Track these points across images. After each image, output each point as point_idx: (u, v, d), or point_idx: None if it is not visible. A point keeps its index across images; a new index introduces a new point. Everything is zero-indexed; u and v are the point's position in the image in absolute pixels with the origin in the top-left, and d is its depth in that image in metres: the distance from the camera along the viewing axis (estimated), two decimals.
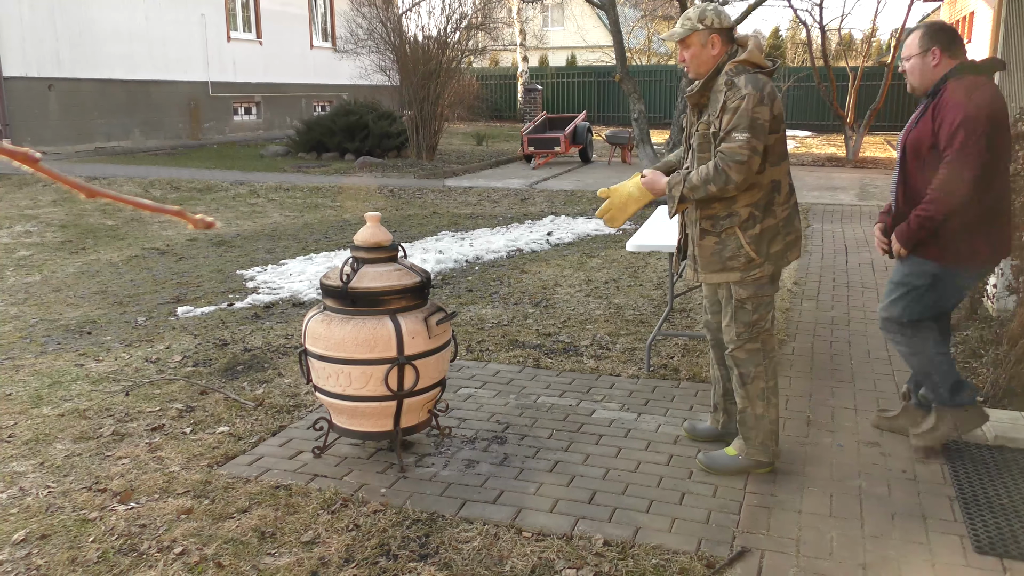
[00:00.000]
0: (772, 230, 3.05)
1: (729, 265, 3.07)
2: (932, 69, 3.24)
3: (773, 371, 3.19)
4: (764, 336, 3.15)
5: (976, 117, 3.02)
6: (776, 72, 3.07)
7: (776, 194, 3.04)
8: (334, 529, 2.81)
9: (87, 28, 15.34)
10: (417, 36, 15.44)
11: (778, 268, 3.10)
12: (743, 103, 2.88)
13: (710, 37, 3.00)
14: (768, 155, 2.97)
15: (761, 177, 2.99)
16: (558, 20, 37.16)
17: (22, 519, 2.89)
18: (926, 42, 3.23)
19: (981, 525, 2.85)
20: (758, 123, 2.88)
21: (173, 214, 0.90)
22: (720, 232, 3.07)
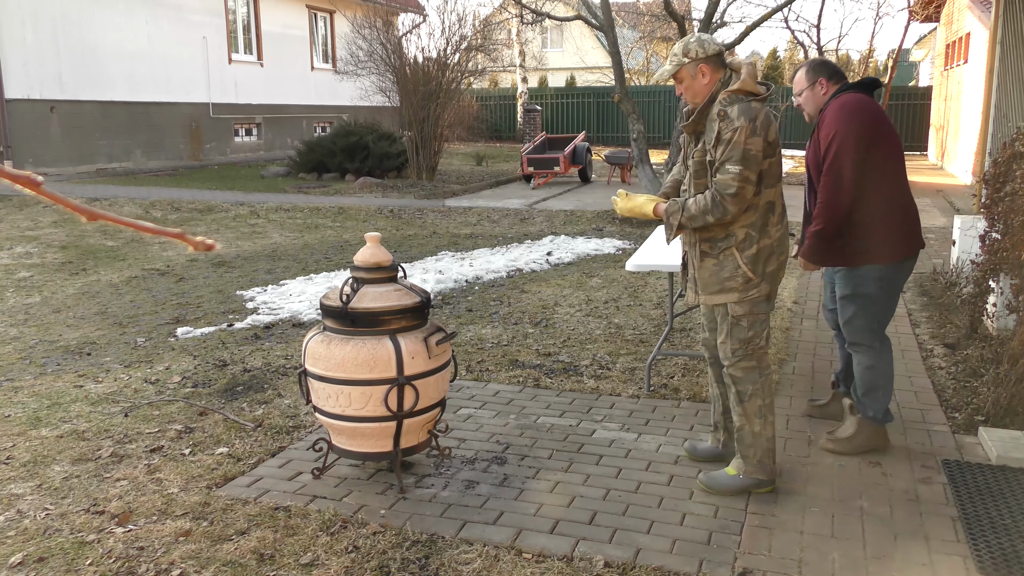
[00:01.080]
0: (767, 250, 3.10)
1: (727, 286, 3.12)
2: (822, 97, 3.58)
3: (770, 389, 3.22)
4: (759, 354, 3.18)
5: (845, 132, 3.34)
6: (770, 97, 3.12)
7: (771, 215, 3.10)
8: (333, 551, 2.80)
9: (89, 50, 15.44)
10: (417, 57, 15.55)
11: (774, 287, 3.16)
12: (736, 135, 2.95)
13: (698, 68, 3.09)
14: (763, 178, 3.04)
15: (757, 199, 3.05)
16: (557, 42, 37.41)
17: (19, 541, 2.87)
18: (812, 76, 3.60)
19: (984, 546, 2.84)
20: (751, 154, 2.95)
21: (174, 236, 0.90)
22: (718, 254, 3.12)
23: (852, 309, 3.55)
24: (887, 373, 3.61)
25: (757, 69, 3.11)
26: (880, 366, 3.59)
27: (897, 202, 3.47)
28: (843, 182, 3.34)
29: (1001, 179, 4.89)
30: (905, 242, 3.49)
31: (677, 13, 10.65)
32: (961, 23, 16.96)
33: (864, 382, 3.63)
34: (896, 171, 3.48)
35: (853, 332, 3.59)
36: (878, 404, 3.61)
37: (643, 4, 31.30)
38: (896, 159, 3.49)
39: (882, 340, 3.59)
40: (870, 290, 3.49)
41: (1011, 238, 4.56)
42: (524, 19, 16.60)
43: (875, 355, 3.58)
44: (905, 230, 3.49)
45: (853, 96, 3.47)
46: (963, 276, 6.12)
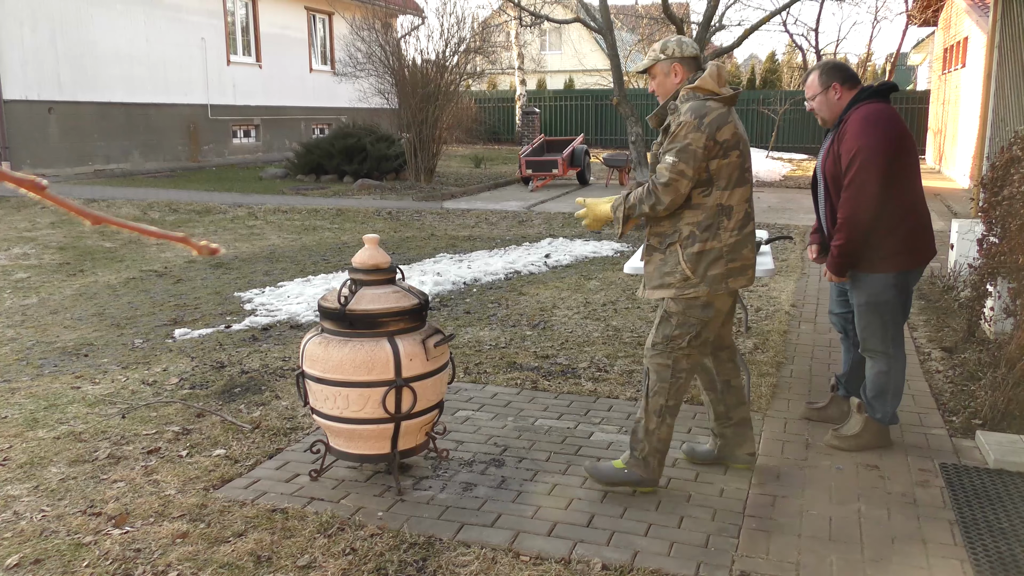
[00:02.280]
0: (714, 252, 3.08)
1: (666, 281, 3.13)
2: (836, 102, 3.58)
3: (678, 392, 3.19)
4: (678, 355, 3.16)
5: (868, 146, 3.35)
6: (736, 99, 3.12)
7: (725, 219, 3.07)
8: (330, 553, 2.79)
9: (88, 51, 15.44)
10: (416, 60, 15.55)
11: (714, 291, 3.10)
12: (679, 128, 3.00)
13: (672, 66, 3.15)
14: (715, 179, 3.04)
15: (706, 199, 3.06)
16: (556, 44, 37.44)
17: (16, 543, 2.87)
18: (825, 80, 3.58)
19: (982, 549, 2.84)
20: (690, 149, 2.97)
21: (177, 240, 0.90)
22: (664, 249, 3.14)
23: (869, 316, 3.58)
24: (898, 379, 3.64)
25: (722, 71, 3.12)
26: (893, 372, 3.62)
27: (914, 211, 3.51)
28: (866, 197, 3.36)
29: (999, 183, 4.90)
30: (921, 250, 3.55)
31: (675, 16, 10.66)
32: (959, 27, 17.00)
33: (875, 386, 3.65)
34: (914, 180, 3.51)
35: (870, 339, 3.61)
36: (887, 407, 3.64)
37: (641, 7, 31.36)
38: (915, 169, 3.51)
39: (897, 346, 3.61)
40: (887, 297, 3.52)
41: (1008, 242, 4.57)
42: (523, 21, 16.61)
43: (890, 361, 3.61)
44: (922, 239, 3.53)
45: (875, 107, 3.45)
46: (961, 280, 6.13)
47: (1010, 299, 4.59)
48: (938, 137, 19.95)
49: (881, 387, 3.64)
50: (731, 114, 3.07)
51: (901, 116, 3.52)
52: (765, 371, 4.76)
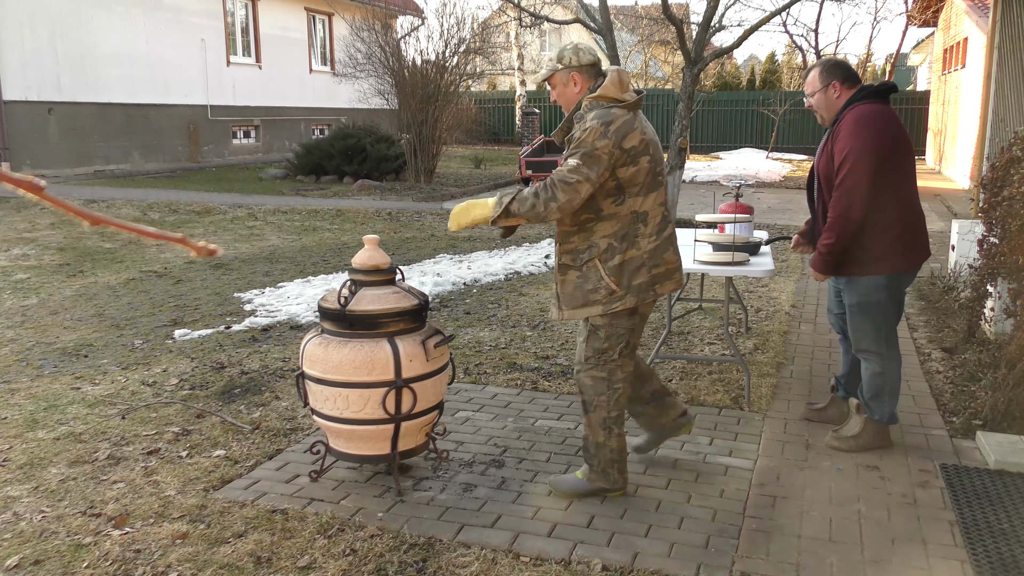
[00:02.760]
0: (635, 261, 3.03)
1: (591, 298, 3.06)
2: (835, 100, 3.56)
3: (617, 402, 3.15)
4: (611, 366, 3.12)
5: (860, 146, 3.34)
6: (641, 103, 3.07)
7: (641, 225, 3.02)
8: (330, 554, 2.79)
9: (88, 52, 15.44)
10: (416, 60, 15.55)
11: (642, 300, 3.06)
12: (584, 134, 2.94)
13: (570, 75, 3.09)
14: (627, 187, 2.99)
15: (620, 208, 3.00)
16: (556, 45, 37.46)
17: (15, 544, 2.86)
18: (826, 77, 3.56)
19: (982, 550, 2.84)
20: (595, 154, 2.91)
21: (176, 241, 0.90)
22: (581, 266, 3.07)
23: (860, 317, 3.58)
24: (894, 379, 3.64)
25: (623, 76, 3.08)
26: (888, 373, 3.62)
27: (908, 212, 3.49)
28: (856, 199, 3.36)
29: (999, 184, 4.90)
30: (914, 251, 3.54)
31: (675, 17, 10.64)
32: (959, 28, 17.00)
33: (871, 387, 3.65)
34: (909, 182, 3.50)
35: (862, 340, 3.61)
36: (884, 408, 3.65)
37: (641, 8, 31.36)
38: (910, 170, 3.50)
39: (891, 346, 3.61)
40: (879, 298, 3.52)
41: (1009, 242, 4.57)
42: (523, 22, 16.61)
43: (883, 362, 3.60)
44: (914, 240, 3.53)
45: (870, 107, 3.44)
46: (961, 280, 6.13)
47: (1010, 300, 4.58)
48: (938, 138, 19.95)
49: (877, 388, 3.64)
50: (637, 119, 3.02)
51: (898, 117, 3.52)
52: (765, 372, 4.76)
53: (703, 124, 24.86)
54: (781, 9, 11.48)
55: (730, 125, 24.98)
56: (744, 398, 4.32)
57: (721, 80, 28.60)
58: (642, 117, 3.07)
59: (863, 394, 3.71)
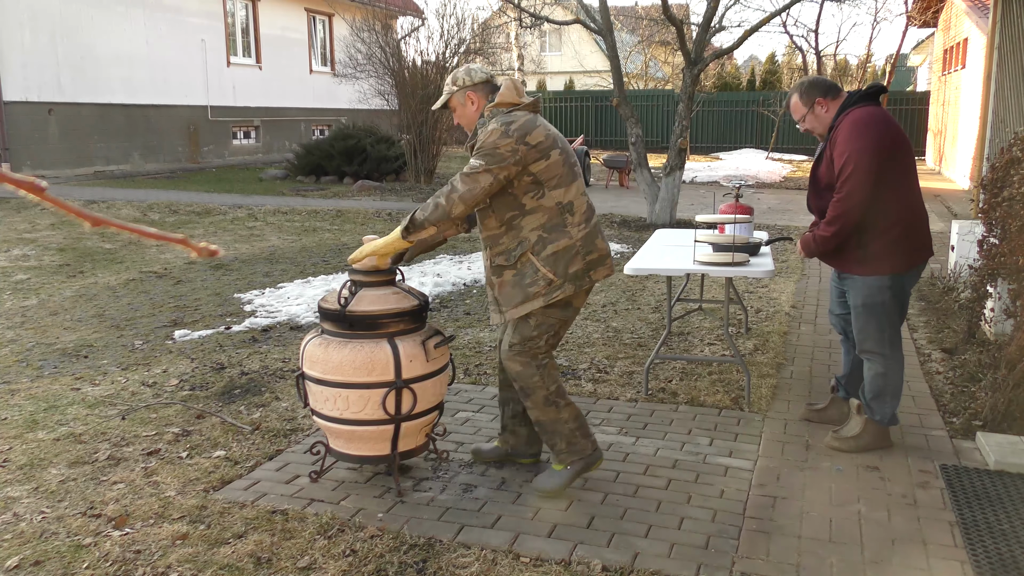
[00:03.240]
0: (570, 250, 3.10)
1: (530, 292, 3.10)
2: (825, 116, 3.60)
3: (551, 376, 3.20)
4: (535, 352, 3.17)
5: (859, 148, 3.37)
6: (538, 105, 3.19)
7: (568, 215, 3.11)
8: (331, 555, 2.79)
9: (88, 53, 15.44)
10: (416, 61, 15.56)
11: (579, 287, 3.12)
12: (485, 136, 3.05)
13: (466, 95, 3.21)
14: (544, 181, 3.07)
15: (542, 201, 3.09)
16: (556, 45, 37.46)
17: (16, 545, 2.87)
18: (807, 99, 3.61)
19: (982, 551, 2.84)
20: (496, 151, 3.01)
21: (177, 242, 0.90)
22: (515, 263, 3.12)
23: (865, 318, 3.58)
24: (896, 380, 3.64)
25: (517, 84, 3.21)
26: (890, 374, 3.62)
27: (910, 212, 3.51)
28: (856, 200, 3.39)
29: (999, 184, 4.90)
30: (917, 251, 3.55)
31: (675, 17, 10.64)
32: (959, 28, 17.00)
33: (873, 387, 3.65)
34: (909, 181, 3.51)
35: (866, 340, 3.61)
36: (886, 409, 3.65)
37: (641, 8, 31.37)
38: (910, 169, 3.52)
39: (894, 347, 3.61)
40: (883, 299, 3.52)
41: (1009, 243, 4.57)
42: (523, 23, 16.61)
43: (886, 362, 3.60)
44: (917, 240, 3.54)
45: (864, 111, 3.47)
46: (961, 281, 6.13)
47: (1010, 300, 4.58)
48: (938, 138, 19.95)
49: (879, 389, 3.64)
50: (538, 119, 3.13)
51: (893, 117, 3.54)
52: (765, 372, 4.76)
53: (703, 125, 24.86)
54: (781, 10, 11.49)
55: (730, 126, 24.99)
56: (744, 399, 4.32)
57: (721, 81, 28.61)
58: (543, 119, 3.18)
59: (864, 394, 3.71)
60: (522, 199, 3.09)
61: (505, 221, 3.13)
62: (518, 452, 3.55)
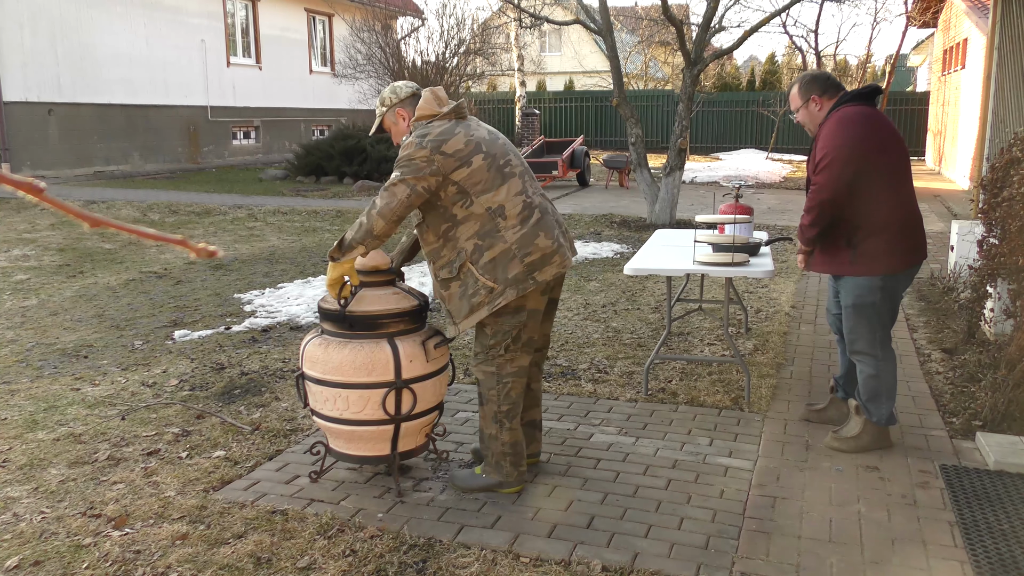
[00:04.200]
0: (506, 255, 3.05)
1: (474, 302, 3.09)
2: (818, 113, 3.63)
3: (507, 396, 3.19)
4: (499, 361, 3.16)
5: (837, 145, 3.39)
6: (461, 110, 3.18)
7: (500, 219, 3.06)
8: (330, 555, 2.79)
9: (88, 53, 15.44)
10: (416, 61, 15.57)
11: (522, 291, 3.06)
12: (402, 150, 3.08)
13: (396, 113, 3.26)
14: (468, 189, 3.05)
15: (471, 209, 3.06)
16: (556, 46, 37.45)
17: (15, 545, 2.87)
18: (804, 94, 3.64)
19: (982, 551, 2.84)
20: (412, 162, 3.03)
21: (176, 243, 0.90)
22: (458, 274, 3.11)
23: (855, 319, 3.58)
24: (890, 381, 3.63)
25: (437, 92, 3.22)
26: (883, 375, 3.61)
27: (901, 212, 3.48)
28: (826, 193, 3.42)
29: (999, 184, 4.90)
30: (909, 252, 3.52)
31: (675, 17, 10.65)
32: (959, 29, 17.01)
33: (867, 389, 3.65)
34: (900, 180, 3.49)
35: (856, 341, 3.61)
36: (882, 410, 3.65)
37: (641, 8, 31.37)
38: (901, 168, 3.50)
39: (885, 348, 3.61)
40: (874, 299, 3.51)
41: (1008, 243, 4.57)
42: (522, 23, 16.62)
43: (877, 364, 3.60)
44: (910, 241, 3.51)
45: (851, 110, 3.48)
46: (961, 281, 6.13)
47: (1010, 300, 4.59)
48: (938, 138, 19.95)
49: (873, 390, 3.63)
50: (459, 126, 3.11)
51: (886, 118, 3.54)
52: (765, 372, 4.76)
53: (703, 125, 24.86)
54: (781, 10, 11.49)
55: (730, 126, 24.99)
56: (744, 399, 4.33)
57: (721, 81, 28.60)
58: (469, 123, 3.16)
59: (860, 396, 3.71)
60: (452, 210, 3.08)
61: (441, 234, 3.13)
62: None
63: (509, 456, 3.23)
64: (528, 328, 3.17)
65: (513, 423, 3.21)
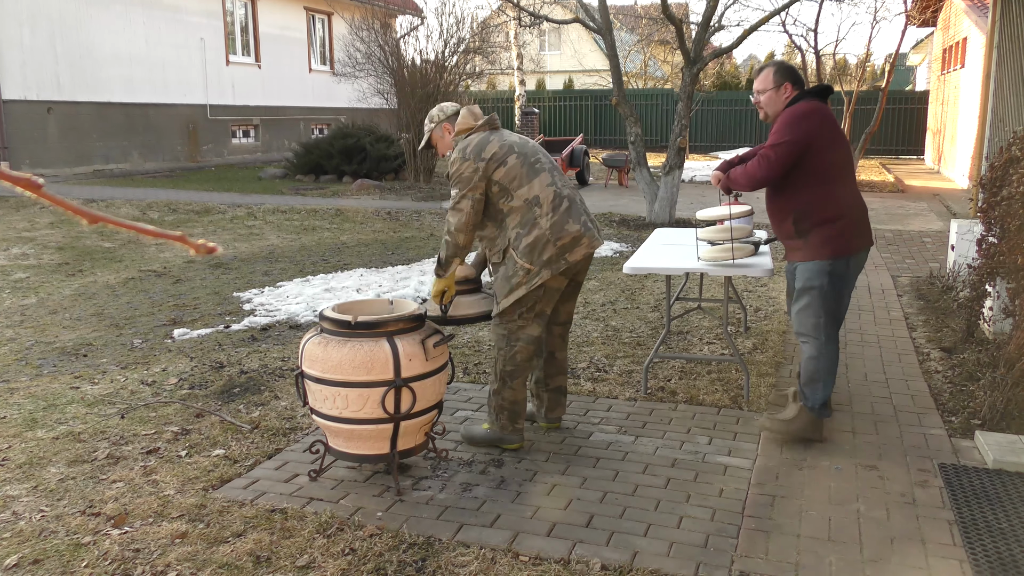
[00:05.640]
0: (540, 239, 3.44)
1: (514, 283, 3.47)
2: (782, 101, 3.76)
3: (513, 358, 3.54)
4: (512, 326, 3.53)
5: (792, 140, 3.56)
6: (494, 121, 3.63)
7: (537, 208, 3.46)
8: (330, 553, 2.79)
9: (87, 52, 15.43)
10: (415, 60, 15.54)
11: (556, 271, 3.44)
12: (452, 166, 3.52)
13: (443, 127, 3.70)
14: (507, 184, 3.47)
15: (513, 203, 3.48)
16: (555, 44, 37.42)
17: (15, 543, 2.86)
18: (779, 78, 3.77)
19: (981, 549, 2.84)
20: (463, 176, 3.47)
21: (175, 239, 0.90)
22: (503, 259, 3.54)
23: (803, 301, 3.72)
24: (829, 367, 3.73)
25: (472, 109, 3.65)
26: (822, 360, 3.71)
27: (846, 201, 3.67)
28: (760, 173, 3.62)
29: (998, 183, 4.90)
30: (855, 238, 3.67)
31: (675, 16, 10.64)
32: (958, 28, 17.00)
33: (806, 372, 3.76)
34: (845, 173, 3.71)
35: (800, 323, 3.75)
36: (817, 395, 3.73)
37: (641, 7, 31.34)
38: (846, 162, 3.73)
39: (828, 335, 3.71)
40: (821, 283, 3.64)
41: (1008, 242, 4.57)
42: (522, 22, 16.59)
43: (819, 347, 3.70)
44: (854, 227, 3.67)
45: (808, 104, 3.68)
46: (960, 280, 6.14)
47: (1009, 299, 4.59)
48: (937, 137, 19.96)
49: (812, 373, 3.73)
50: (493, 135, 3.56)
51: (834, 115, 3.74)
52: (764, 371, 4.76)
53: (702, 124, 24.86)
54: (780, 9, 11.48)
55: (729, 125, 24.99)
56: (743, 397, 4.33)
57: (720, 80, 28.60)
58: (502, 132, 3.62)
59: (799, 379, 3.82)
60: (499, 205, 3.49)
61: (496, 225, 3.54)
62: (539, 416, 3.93)
63: (507, 411, 3.59)
64: (542, 302, 3.52)
65: (515, 383, 3.57)
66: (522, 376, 3.59)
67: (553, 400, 3.89)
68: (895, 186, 15.52)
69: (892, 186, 15.53)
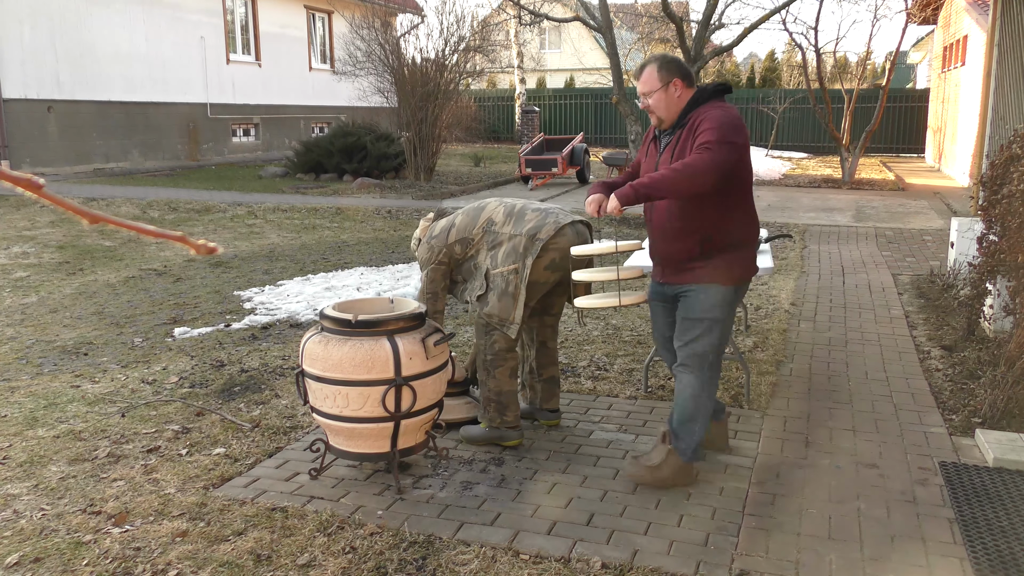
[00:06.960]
0: (510, 241, 3.59)
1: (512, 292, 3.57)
2: (676, 100, 3.22)
3: (492, 347, 3.61)
4: (492, 322, 3.59)
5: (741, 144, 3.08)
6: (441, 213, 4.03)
7: (494, 227, 3.63)
8: (330, 552, 2.79)
9: (87, 50, 15.43)
10: (415, 58, 15.53)
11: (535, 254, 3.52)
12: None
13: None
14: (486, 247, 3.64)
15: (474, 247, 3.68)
16: (555, 43, 37.42)
17: (15, 542, 2.87)
18: (665, 75, 3.20)
19: (981, 548, 2.84)
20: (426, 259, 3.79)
21: (175, 239, 0.90)
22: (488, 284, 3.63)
23: (697, 331, 3.21)
24: (708, 407, 3.28)
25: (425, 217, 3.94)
26: (703, 397, 3.25)
27: (753, 222, 3.32)
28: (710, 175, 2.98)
29: (998, 181, 4.90)
30: (751, 264, 3.33)
31: (675, 14, 10.66)
32: (959, 26, 16.99)
33: (683, 410, 3.27)
34: (751, 192, 3.33)
35: (689, 355, 3.23)
36: (691, 438, 3.27)
37: (641, 5, 31.32)
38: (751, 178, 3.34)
39: (713, 369, 3.27)
40: (721, 313, 3.20)
41: (1008, 240, 4.57)
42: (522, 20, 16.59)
43: (703, 383, 3.24)
44: (752, 252, 3.34)
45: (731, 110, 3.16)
46: (960, 278, 6.14)
47: (1010, 297, 4.59)
48: (938, 135, 19.95)
49: (691, 412, 3.25)
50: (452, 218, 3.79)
51: None
52: (765, 370, 4.76)
53: None
54: (781, 7, 11.48)
55: None
56: (744, 396, 4.33)
57: (721, 78, 28.59)
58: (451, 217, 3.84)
59: (672, 420, 3.33)
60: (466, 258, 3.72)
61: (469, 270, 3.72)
62: (537, 412, 3.96)
63: (493, 403, 3.63)
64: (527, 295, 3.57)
65: (498, 372, 3.62)
66: (504, 365, 3.62)
67: (547, 390, 3.92)
68: (896, 184, 15.51)
69: (893, 184, 15.52)
